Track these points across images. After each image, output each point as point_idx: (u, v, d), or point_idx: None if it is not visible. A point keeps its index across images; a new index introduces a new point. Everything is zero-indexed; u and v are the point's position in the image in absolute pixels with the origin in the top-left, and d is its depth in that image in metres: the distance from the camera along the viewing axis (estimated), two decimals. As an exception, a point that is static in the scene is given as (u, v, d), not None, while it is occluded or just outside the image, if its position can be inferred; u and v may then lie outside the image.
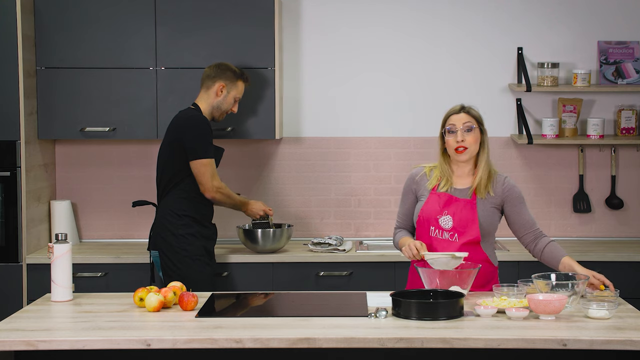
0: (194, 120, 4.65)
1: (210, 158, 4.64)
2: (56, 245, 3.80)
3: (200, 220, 4.71)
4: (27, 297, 4.99)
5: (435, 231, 3.94)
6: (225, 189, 4.74)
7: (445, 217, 3.94)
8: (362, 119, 5.56)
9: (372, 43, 5.54)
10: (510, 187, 3.99)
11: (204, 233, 4.72)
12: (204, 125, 4.65)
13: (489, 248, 3.99)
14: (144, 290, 3.71)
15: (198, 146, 4.61)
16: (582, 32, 5.52)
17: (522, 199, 4.00)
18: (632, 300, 3.99)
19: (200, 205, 4.72)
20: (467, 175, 4.00)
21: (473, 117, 3.98)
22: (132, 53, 5.16)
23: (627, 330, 3.31)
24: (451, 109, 4.02)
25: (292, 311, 3.74)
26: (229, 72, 4.78)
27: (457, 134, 3.93)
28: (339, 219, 5.58)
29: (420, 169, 4.09)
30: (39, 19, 5.14)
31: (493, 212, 3.96)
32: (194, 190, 4.69)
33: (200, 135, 4.62)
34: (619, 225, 5.57)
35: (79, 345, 3.25)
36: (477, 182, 3.95)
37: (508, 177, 4.03)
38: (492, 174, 3.99)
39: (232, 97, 4.79)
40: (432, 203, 3.97)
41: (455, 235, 3.92)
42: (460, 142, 3.92)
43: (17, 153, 5.00)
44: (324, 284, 5.00)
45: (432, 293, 3.62)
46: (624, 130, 5.45)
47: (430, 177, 4.03)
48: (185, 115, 4.70)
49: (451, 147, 3.95)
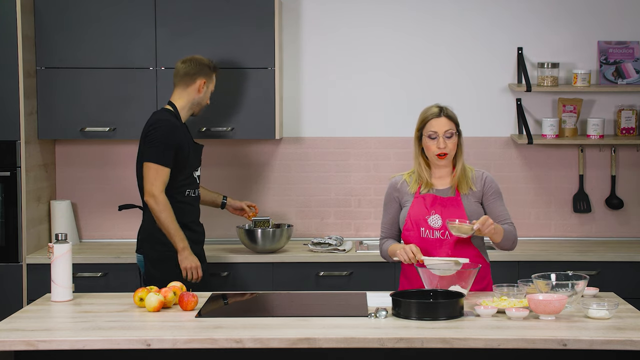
0: (156, 124, 4.50)
1: (157, 164, 4.43)
2: (56, 245, 3.80)
3: (188, 224, 4.58)
4: (27, 297, 4.99)
5: (426, 232, 3.96)
6: (162, 204, 4.41)
7: (433, 217, 3.96)
8: (362, 119, 5.56)
9: (372, 43, 5.54)
10: (489, 181, 4.04)
11: (192, 238, 4.58)
12: (160, 130, 4.47)
13: (480, 243, 4.03)
14: (144, 290, 3.71)
15: (150, 150, 4.46)
16: (582, 32, 5.52)
17: (499, 193, 4.04)
18: (632, 300, 3.99)
19: (187, 208, 4.59)
20: (445, 176, 4.04)
21: (452, 121, 3.99)
22: (132, 53, 5.16)
23: (627, 330, 3.31)
24: (429, 112, 4.01)
25: (292, 311, 3.74)
26: (205, 67, 4.65)
27: (438, 141, 3.95)
28: (339, 219, 5.58)
29: (400, 177, 4.12)
30: (39, 19, 5.14)
31: (478, 207, 4.00)
32: (180, 194, 4.55)
33: (155, 140, 4.46)
34: (619, 225, 5.57)
35: (79, 345, 3.25)
36: (456, 180, 3.99)
37: (486, 172, 4.07)
38: (468, 170, 4.03)
39: (210, 91, 4.68)
40: (418, 205, 3.99)
41: (446, 232, 3.94)
42: (442, 149, 3.94)
43: (17, 153, 5.00)
44: (324, 284, 5.00)
45: (432, 293, 3.62)
46: (624, 130, 5.45)
47: (410, 183, 4.06)
48: (152, 119, 4.56)
49: (432, 152, 3.97)
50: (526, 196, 5.56)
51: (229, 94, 5.17)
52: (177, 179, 4.54)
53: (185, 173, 4.57)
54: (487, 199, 4.02)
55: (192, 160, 4.61)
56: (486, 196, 4.03)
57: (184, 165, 4.55)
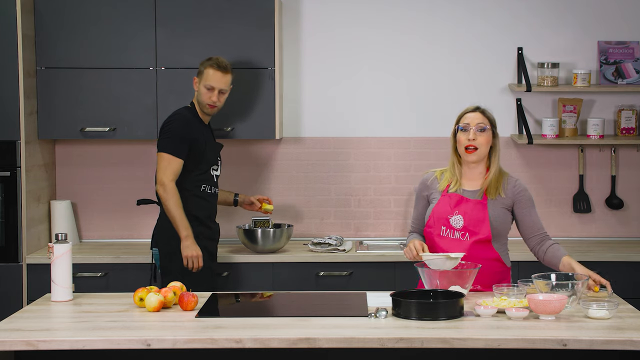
0: (169, 118, 4.70)
1: (169, 154, 4.56)
2: (56, 245, 3.80)
3: (203, 219, 4.70)
4: (27, 297, 4.99)
5: (447, 231, 3.95)
6: (171, 192, 4.53)
7: (456, 217, 3.95)
8: (362, 119, 5.56)
9: (372, 43, 5.54)
10: (522, 189, 4.02)
11: (206, 234, 4.71)
12: (175, 123, 4.64)
13: (502, 248, 4.00)
14: (144, 290, 3.71)
15: (162, 140, 4.62)
16: (582, 32, 5.52)
17: (532, 202, 4.03)
18: (632, 300, 3.99)
19: (202, 203, 4.70)
20: (477, 178, 4.01)
21: (487, 118, 4.00)
22: (132, 53, 5.16)
23: (627, 330, 3.31)
24: (467, 108, 4.04)
25: (292, 311, 3.74)
26: (200, 66, 4.79)
27: (469, 132, 3.94)
28: (339, 219, 5.58)
29: (431, 173, 4.11)
30: (39, 19, 5.14)
31: (504, 213, 3.98)
32: (196, 188, 4.68)
33: (167, 131, 4.62)
34: (619, 225, 5.57)
35: (79, 345, 3.25)
36: (488, 183, 3.97)
37: (519, 180, 4.06)
38: (502, 175, 4.02)
39: (202, 86, 4.71)
40: (443, 204, 3.98)
41: (466, 234, 3.93)
42: (471, 141, 3.93)
43: (17, 153, 5.00)
44: (324, 284, 5.00)
45: (432, 293, 3.62)
46: (624, 130, 5.45)
47: (441, 180, 4.05)
48: (170, 115, 4.75)
49: (462, 145, 3.96)
50: (526, 196, 5.55)
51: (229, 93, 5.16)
52: (192, 173, 4.66)
53: (201, 168, 4.69)
54: (521, 209, 4.00)
55: (209, 157, 4.72)
56: (519, 205, 4.00)
57: (199, 160, 4.66)
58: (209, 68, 4.71)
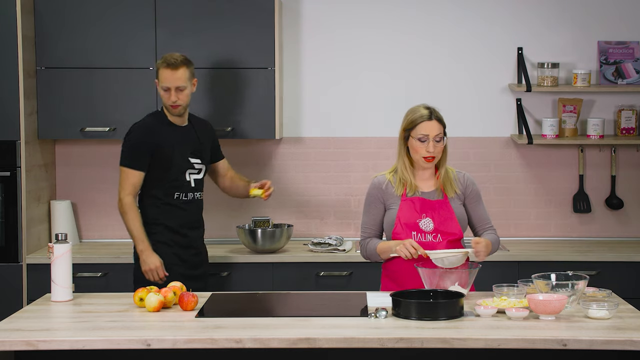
0: (129, 131, 4.56)
1: (127, 167, 4.47)
2: (56, 245, 3.80)
3: (177, 228, 4.53)
4: (27, 297, 4.99)
5: (418, 235, 3.94)
6: (126, 207, 4.46)
7: (425, 220, 3.95)
8: (362, 119, 5.56)
9: (372, 43, 5.54)
10: (471, 183, 4.06)
11: (180, 242, 4.55)
12: (132, 134, 4.51)
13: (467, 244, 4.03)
14: (144, 290, 3.71)
15: (121, 154, 4.53)
16: (582, 32, 5.52)
17: (479, 196, 4.07)
18: (632, 300, 3.98)
19: (175, 211, 4.53)
20: (429, 177, 4.02)
21: (442, 124, 3.96)
22: (132, 53, 5.16)
23: (627, 330, 3.31)
24: (418, 113, 3.96)
25: (292, 311, 3.75)
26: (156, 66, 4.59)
27: (428, 144, 3.92)
28: (339, 219, 5.58)
29: (383, 177, 4.05)
30: (39, 19, 5.14)
31: (462, 208, 4.02)
32: (167, 197, 4.52)
33: (125, 144, 4.52)
34: (618, 225, 5.57)
35: (79, 345, 3.25)
36: (441, 182, 3.99)
37: (466, 173, 4.08)
38: (450, 172, 4.03)
39: (160, 88, 4.54)
40: (408, 209, 3.97)
41: (438, 235, 3.94)
42: (431, 153, 3.93)
43: (17, 153, 5.00)
44: (324, 284, 5.00)
45: (432, 293, 3.62)
46: (624, 131, 5.45)
47: (395, 184, 4.01)
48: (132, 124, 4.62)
49: (419, 155, 3.94)
50: (526, 196, 5.56)
51: (229, 94, 5.17)
52: (163, 180, 4.50)
53: (171, 175, 4.50)
54: (470, 202, 4.03)
55: (178, 162, 4.51)
56: (468, 198, 4.03)
57: (168, 167, 4.49)
58: (160, 68, 4.49)
